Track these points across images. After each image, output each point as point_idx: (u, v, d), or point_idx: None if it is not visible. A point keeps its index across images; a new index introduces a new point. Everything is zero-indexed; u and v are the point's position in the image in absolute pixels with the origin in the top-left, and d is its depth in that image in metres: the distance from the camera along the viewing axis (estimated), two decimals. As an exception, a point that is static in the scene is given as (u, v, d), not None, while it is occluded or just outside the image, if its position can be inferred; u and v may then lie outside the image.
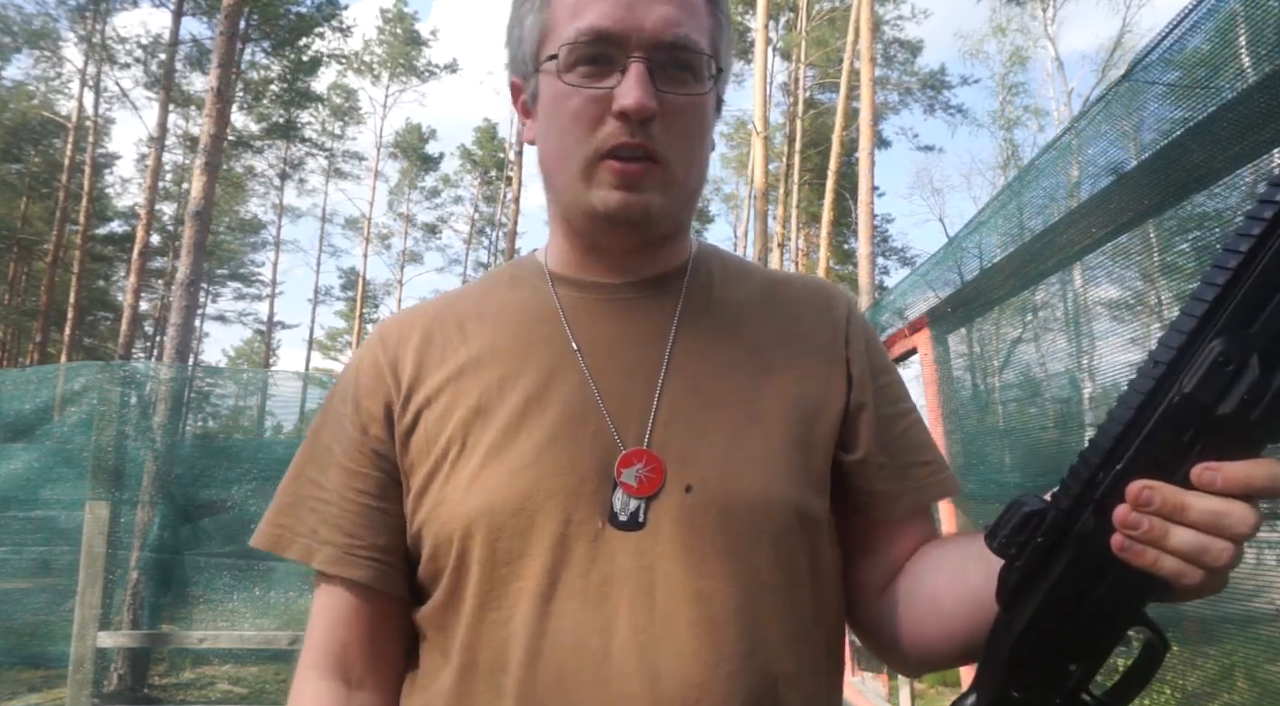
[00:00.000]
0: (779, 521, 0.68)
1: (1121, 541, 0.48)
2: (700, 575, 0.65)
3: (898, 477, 0.75)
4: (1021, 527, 0.51)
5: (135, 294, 16.10)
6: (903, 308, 3.92)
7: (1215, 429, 0.45)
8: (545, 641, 0.64)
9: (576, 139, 0.68)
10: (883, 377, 0.78)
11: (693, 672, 0.62)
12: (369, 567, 0.72)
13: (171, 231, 27.07)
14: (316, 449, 0.77)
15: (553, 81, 0.69)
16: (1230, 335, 0.44)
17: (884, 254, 29.05)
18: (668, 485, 0.67)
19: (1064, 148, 2.45)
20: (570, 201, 0.71)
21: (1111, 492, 0.48)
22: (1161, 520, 0.47)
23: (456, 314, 0.78)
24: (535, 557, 0.65)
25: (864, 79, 13.73)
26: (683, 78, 0.68)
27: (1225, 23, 1.64)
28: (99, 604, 3.96)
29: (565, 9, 0.69)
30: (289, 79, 24.21)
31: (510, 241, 22.55)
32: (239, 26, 7.27)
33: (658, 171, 0.68)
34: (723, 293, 0.78)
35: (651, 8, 0.66)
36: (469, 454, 0.69)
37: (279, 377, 7.99)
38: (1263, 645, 2.00)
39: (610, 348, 0.73)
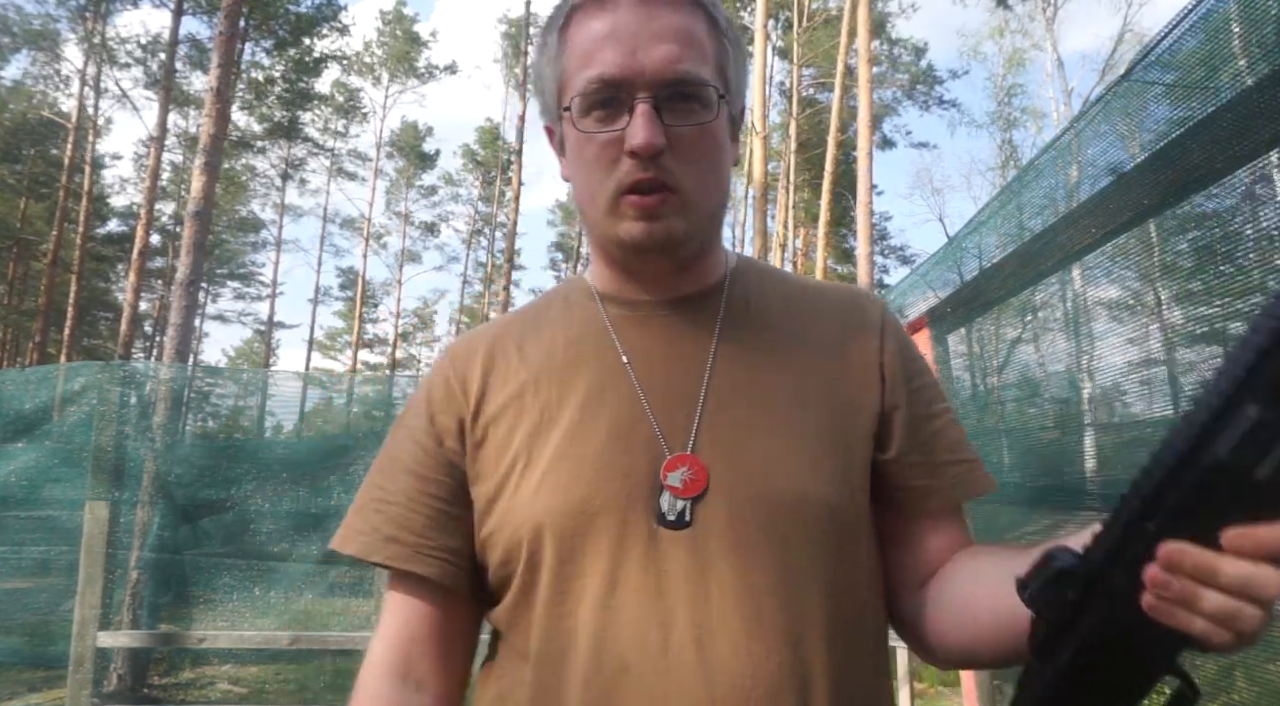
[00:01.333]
0: (819, 520, 0.72)
1: (1152, 600, 0.49)
2: (748, 571, 0.69)
3: (932, 475, 0.79)
4: (1053, 583, 0.52)
5: (135, 294, 16.10)
6: (902, 307, 3.92)
7: (1250, 493, 0.45)
8: (608, 634, 0.69)
9: (599, 179, 0.74)
10: (917, 380, 0.82)
11: (745, 664, 0.67)
12: (438, 565, 0.77)
13: (171, 231, 27.07)
14: (386, 459, 0.83)
15: (572, 129, 0.75)
16: (1267, 400, 0.43)
17: (883, 253, 29.08)
18: (712, 486, 0.72)
19: (1064, 148, 2.45)
20: (602, 234, 0.77)
21: (1144, 551, 0.49)
22: (1192, 582, 0.47)
23: (515, 335, 0.84)
24: (597, 557, 0.71)
25: (861, 79, 13.74)
26: (689, 108, 0.73)
27: (1224, 23, 1.64)
28: (99, 604, 3.96)
29: (576, 60, 0.74)
30: (290, 79, 24.21)
31: (510, 241, 22.55)
32: (239, 26, 7.27)
33: (674, 199, 0.73)
34: (760, 304, 0.83)
35: (652, 49, 0.71)
36: (534, 465, 0.75)
37: (279, 377, 7.98)
38: (1263, 645, 2.00)
39: (656, 360, 0.78)
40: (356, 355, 32.58)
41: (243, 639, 4.55)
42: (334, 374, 17.90)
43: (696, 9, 0.75)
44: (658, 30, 0.72)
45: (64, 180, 21.98)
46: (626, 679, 0.68)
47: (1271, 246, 1.76)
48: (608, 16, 0.73)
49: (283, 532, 4.96)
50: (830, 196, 18.39)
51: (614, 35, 0.72)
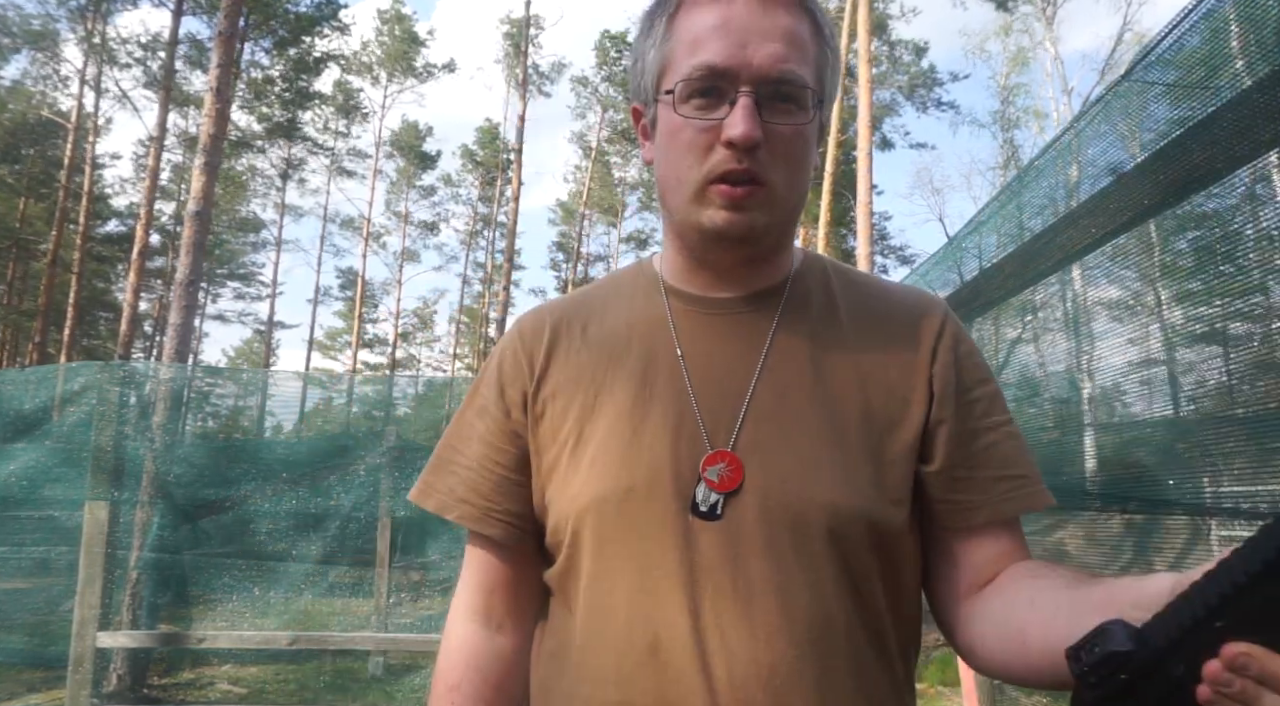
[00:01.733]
0: (848, 528, 0.74)
1: (1209, 695, 0.49)
2: (775, 570, 0.73)
3: (977, 490, 0.79)
4: (1104, 663, 0.52)
5: (135, 294, 16.10)
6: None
7: None
8: (641, 613, 0.74)
9: (689, 165, 0.76)
10: (972, 392, 0.81)
11: (764, 654, 0.71)
12: (503, 528, 0.84)
13: (171, 231, 27.07)
14: (462, 424, 0.89)
15: (669, 113, 0.77)
16: None
17: (883, 253, 29.06)
18: (746, 484, 0.75)
19: (1064, 148, 2.45)
20: (683, 220, 0.79)
21: (1207, 646, 0.48)
22: (1255, 685, 0.47)
23: (582, 315, 0.89)
24: (636, 540, 0.76)
25: (861, 79, 13.74)
26: (787, 108, 0.75)
27: (1224, 23, 1.64)
28: (99, 604, 3.95)
29: (684, 45, 0.76)
30: (289, 78, 24.21)
31: (510, 241, 22.55)
32: (238, 26, 7.27)
33: (762, 193, 0.75)
34: (820, 307, 0.85)
35: (762, 45, 0.73)
36: (584, 445, 0.80)
37: (279, 377, 7.98)
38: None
39: (710, 357, 0.81)
40: (356, 355, 32.59)
41: (243, 639, 4.55)
42: (334, 374, 17.92)
43: (805, 13, 0.77)
44: (768, 28, 0.74)
45: (64, 180, 21.99)
46: (657, 657, 0.72)
47: (1271, 246, 1.76)
48: (722, 8, 0.75)
49: (283, 532, 4.96)
50: (831, 196, 18.38)
51: (725, 26, 0.74)
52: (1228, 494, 2.11)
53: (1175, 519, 2.48)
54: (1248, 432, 2.00)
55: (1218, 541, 2.53)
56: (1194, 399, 2.29)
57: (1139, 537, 3.00)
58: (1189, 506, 2.24)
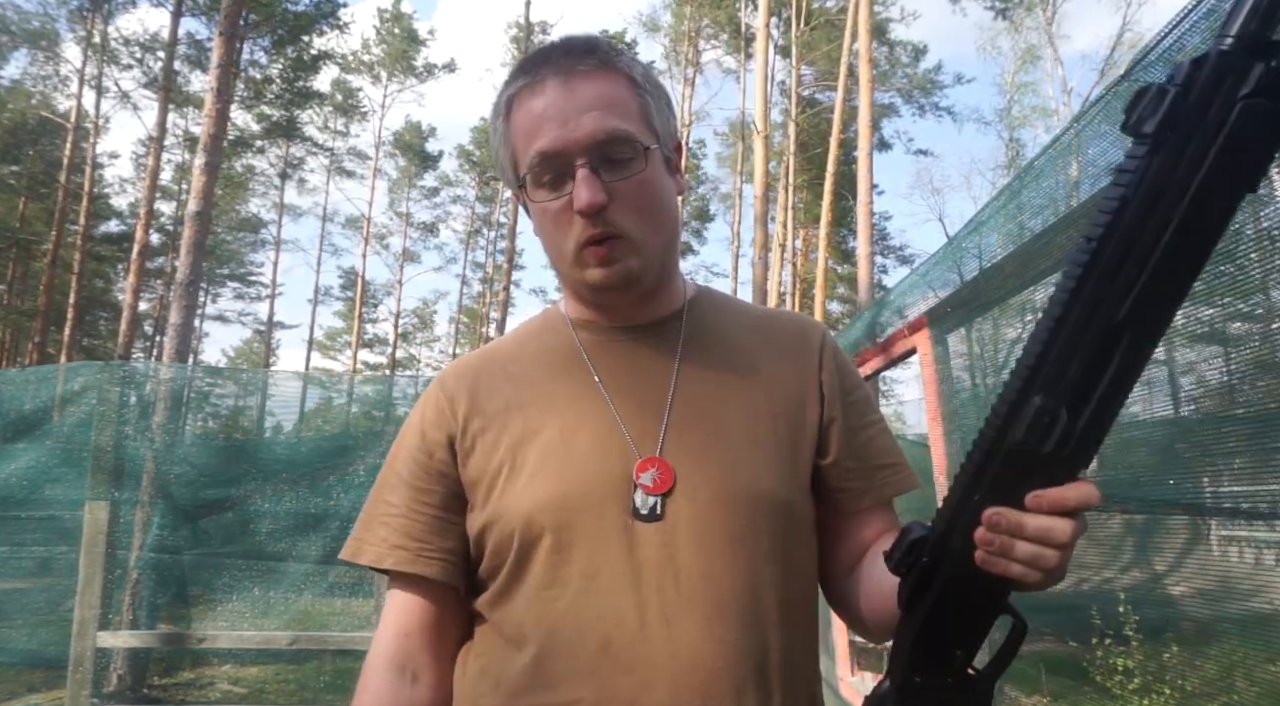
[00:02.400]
0: (773, 515, 0.84)
1: (982, 555, 0.62)
2: (710, 560, 0.80)
3: (864, 477, 0.92)
4: (910, 551, 0.66)
5: (135, 294, 16.10)
6: (902, 307, 3.92)
7: (1041, 464, 0.59)
8: (590, 613, 0.79)
9: (561, 239, 0.85)
10: (852, 395, 0.94)
11: (706, 642, 0.78)
12: (439, 565, 0.88)
13: (171, 231, 27.06)
14: (389, 475, 0.93)
15: (528, 199, 0.86)
16: (1046, 391, 0.57)
17: (882, 252, 29.05)
18: (678, 484, 0.82)
19: (1064, 147, 2.45)
20: (574, 281, 0.88)
21: (974, 519, 0.62)
22: (1008, 537, 0.60)
23: (500, 359, 0.96)
24: (580, 546, 0.81)
25: (862, 79, 13.74)
26: (622, 164, 0.83)
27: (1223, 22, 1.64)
28: (99, 604, 3.96)
29: (521, 138, 0.84)
30: (289, 78, 24.20)
31: (510, 241, 22.54)
32: (239, 26, 7.26)
33: (624, 243, 0.83)
34: (715, 330, 0.95)
35: (580, 119, 0.81)
36: (519, 469, 0.85)
37: (279, 378, 7.97)
38: (1263, 645, 2.00)
39: (624, 378, 0.89)
40: (356, 355, 32.59)
41: (243, 639, 4.55)
42: (334, 374, 17.90)
43: (614, 74, 0.85)
44: (582, 101, 0.82)
45: (63, 180, 21.98)
46: (607, 653, 0.78)
47: (1272, 246, 1.76)
48: (539, 98, 0.83)
49: (283, 532, 4.96)
50: (832, 197, 18.38)
51: (545, 113, 0.82)
52: (1228, 494, 2.11)
53: (1175, 519, 2.48)
54: (1248, 432, 2.00)
55: (1218, 541, 2.53)
56: (1194, 399, 2.29)
57: (1139, 537, 3.00)
58: (1189, 506, 2.24)
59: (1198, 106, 0.50)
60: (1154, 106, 0.51)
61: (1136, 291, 0.53)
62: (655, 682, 0.77)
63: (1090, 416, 0.56)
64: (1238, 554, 2.41)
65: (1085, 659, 3.62)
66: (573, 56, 0.84)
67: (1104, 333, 0.55)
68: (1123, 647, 3.33)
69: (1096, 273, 0.54)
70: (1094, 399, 0.56)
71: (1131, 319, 0.54)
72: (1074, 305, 0.55)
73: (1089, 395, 0.56)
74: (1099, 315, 0.54)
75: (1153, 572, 2.78)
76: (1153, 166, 0.52)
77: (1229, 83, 0.49)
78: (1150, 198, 0.52)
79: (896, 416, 15.45)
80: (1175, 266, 0.53)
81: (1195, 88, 0.50)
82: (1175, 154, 0.51)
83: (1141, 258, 0.53)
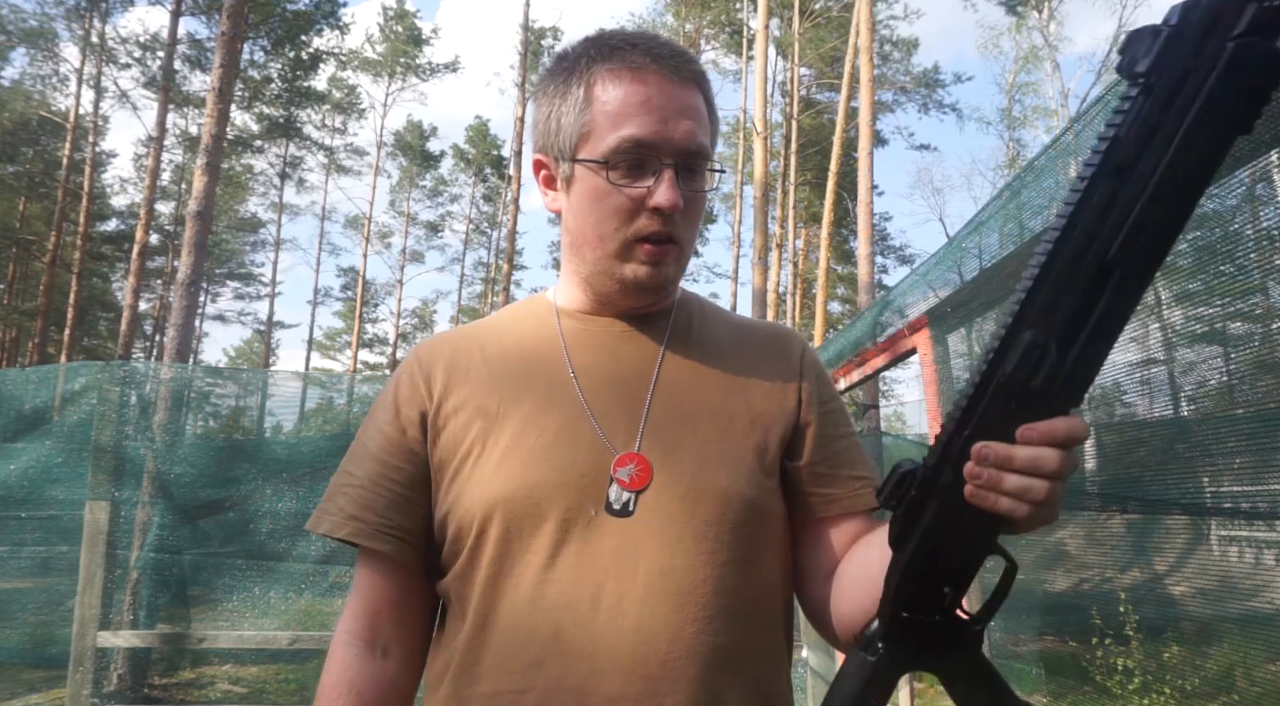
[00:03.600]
0: (738, 511, 0.84)
1: (971, 490, 0.62)
2: (673, 554, 0.81)
3: (837, 485, 0.92)
4: (899, 485, 0.66)
5: (135, 294, 16.10)
6: (902, 307, 3.92)
7: (1031, 398, 0.59)
8: (544, 602, 0.79)
9: (615, 226, 0.85)
10: (829, 405, 0.96)
11: (663, 631, 0.78)
12: (395, 543, 0.87)
13: (171, 231, 27.05)
14: (357, 448, 0.93)
15: (595, 178, 0.85)
16: (1037, 326, 0.57)
17: (883, 252, 29.05)
18: (654, 480, 0.83)
19: (1064, 148, 2.45)
20: (600, 271, 0.88)
21: (963, 452, 0.62)
22: (996, 470, 0.60)
23: (479, 340, 0.95)
24: (540, 537, 0.81)
25: (863, 79, 13.73)
26: (696, 178, 0.86)
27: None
28: (99, 604, 3.96)
29: (606, 117, 0.84)
30: (288, 78, 24.19)
31: (511, 241, 22.55)
32: (241, 26, 7.26)
33: (675, 250, 0.87)
34: (700, 331, 0.96)
35: (679, 122, 0.83)
36: (487, 455, 0.85)
37: (279, 377, 7.97)
38: (1263, 645, 2.00)
39: (602, 372, 0.90)
40: (356, 355, 32.58)
41: (243, 639, 4.55)
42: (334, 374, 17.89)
43: (704, 91, 0.88)
44: (682, 106, 0.84)
45: (63, 180, 21.97)
46: (559, 642, 0.78)
47: (1271, 246, 1.77)
48: (640, 87, 0.84)
49: (283, 532, 4.95)
50: (833, 197, 18.37)
51: (648, 104, 0.83)
52: (1227, 494, 2.11)
53: (1175, 519, 2.48)
54: (1248, 432, 2.00)
55: (1218, 541, 2.53)
56: (1194, 399, 2.29)
57: (1139, 537, 3.00)
58: (1189, 506, 2.24)
59: (1191, 46, 0.50)
60: (1146, 47, 0.51)
61: (1125, 231, 0.54)
62: (606, 671, 0.77)
63: (1079, 354, 0.57)
64: (1238, 554, 2.41)
65: (1085, 659, 3.63)
66: (678, 58, 0.86)
67: (1094, 271, 0.55)
68: (1123, 647, 3.33)
69: (1088, 210, 0.54)
70: (1083, 337, 0.57)
71: (1121, 258, 0.54)
72: (1066, 242, 0.55)
73: (1077, 332, 0.56)
74: (1089, 253, 0.55)
75: (1153, 572, 2.78)
76: (1145, 107, 0.52)
77: (1222, 22, 0.49)
78: (1142, 137, 0.52)
79: (896, 416, 15.45)
80: (1165, 209, 0.53)
81: (1188, 28, 0.50)
82: (1167, 94, 0.51)
83: (1132, 197, 0.53)
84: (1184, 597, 2.60)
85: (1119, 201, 0.53)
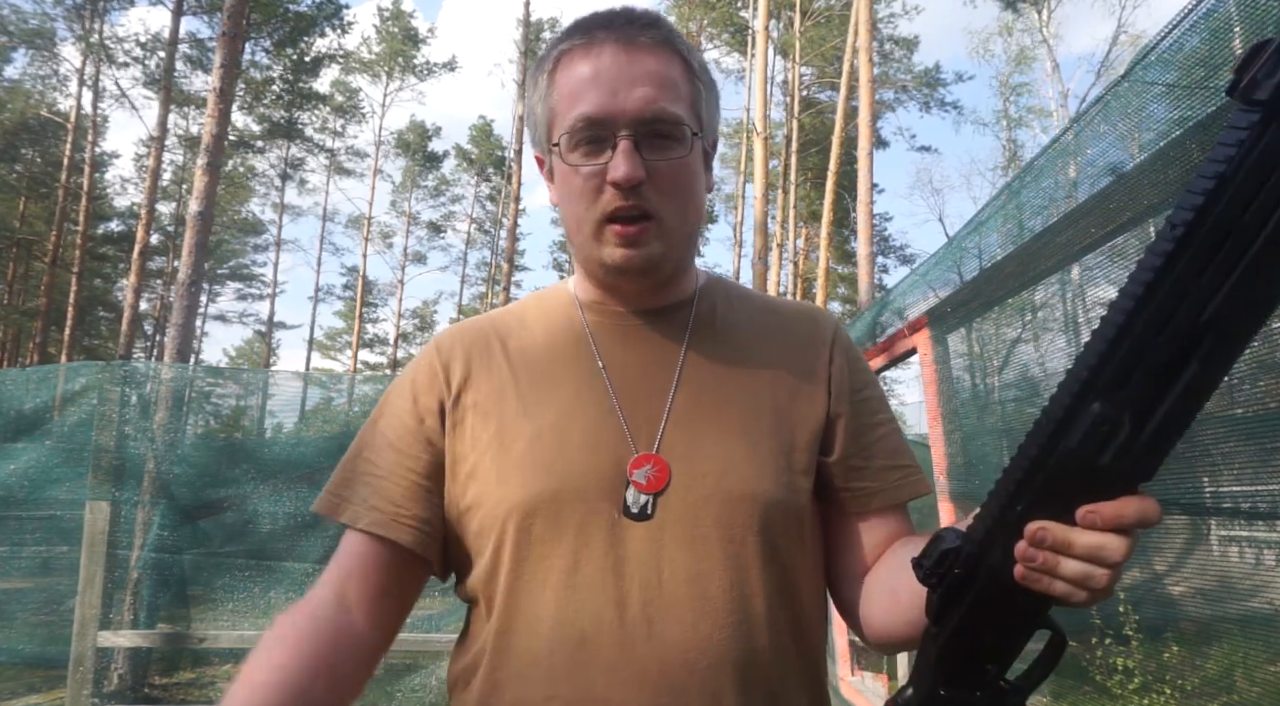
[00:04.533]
0: (766, 513, 0.80)
1: (1022, 571, 0.57)
2: (699, 559, 0.78)
3: (872, 478, 0.87)
4: (941, 562, 0.61)
5: (135, 294, 16.10)
6: (902, 307, 3.92)
7: (1096, 476, 0.52)
8: (569, 609, 0.77)
9: (584, 207, 0.81)
10: (862, 392, 0.91)
11: (691, 639, 0.76)
12: (413, 533, 0.85)
13: (171, 231, 27.06)
14: (374, 435, 0.90)
15: (560, 162, 0.83)
16: (1106, 397, 0.50)
17: (883, 253, 29.05)
18: (673, 483, 0.80)
19: (1063, 148, 2.45)
20: (587, 257, 0.85)
21: (1015, 531, 0.56)
22: (1053, 554, 0.55)
23: (501, 331, 0.92)
24: (563, 540, 0.79)
25: (863, 78, 13.73)
26: (665, 145, 0.81)
27: (1225, 23, 1.64)
28: (99, 604, 3.96)
29: (565, 99, 0.82)
30: (290, 79, 24.20)
31: (511, 241, 22.55)
32: (242, 26, 7.26)
33: (653, 226, 0.81)
34: (725, 320, 0.92)
35: (632, 90, 0.79)
36: (509, 452, 0.82)
37: (279, 377, 7.97)
38: (1263, 645, 2.00)
39: (629, 367, 0.87)
40: (356, 355, 32.58)
41: (243, 639, 4.55)
42: (334, 374, 17.90)
43: (673, 54, 0.83)
44: (637, 74, 0.80)
45: (63, 180, 21.98)
46: (584, 650, 0.76)
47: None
48: (592, 60, 0.81)
49: (283, 532, 4.95)
50: (833, 196, 18.36)
51: (597, 77, 0.80)
52: (1228, 494, 2.11)
53: (1175, 519, 2.48)
54: (1248, 432, 2.00)
55: (1217, 541, 2.53)
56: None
57: (1139, 537, 3.00)
58: (1189, 506, 2.24)
59: None
60: (1272, 68, 0.42)
61: (1227, 290, 0.45)
62: (632, 681, 0.75)
63: (1155, 429, 0.49)
64: (1238, 554, 2.41)
65: (1085, 659, 3.63)
66: (635, 26, 0.82)
67: (1183, 335, 0.47)
68: (1123, 647, 3.33)
69: (1182, 264, 0.45)
70: (1161, 411, 0.49)
71: (1217, 322, 0.46)
72: (1150, 301, 0.47)
73: (1155, 406, 0.49)
74: (1179, 315, 0.46)
75: (1153, 572, 2.77)
76: (1264, 140, 0.42)
77: None
78: (1257, 176, 0.43)
79: (897, 416, 15.42)
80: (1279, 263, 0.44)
81: None
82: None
83: (1239, 250, 0.44)
84: (1184, 597, 2.60)
85: (1223, 253, 0.44)
